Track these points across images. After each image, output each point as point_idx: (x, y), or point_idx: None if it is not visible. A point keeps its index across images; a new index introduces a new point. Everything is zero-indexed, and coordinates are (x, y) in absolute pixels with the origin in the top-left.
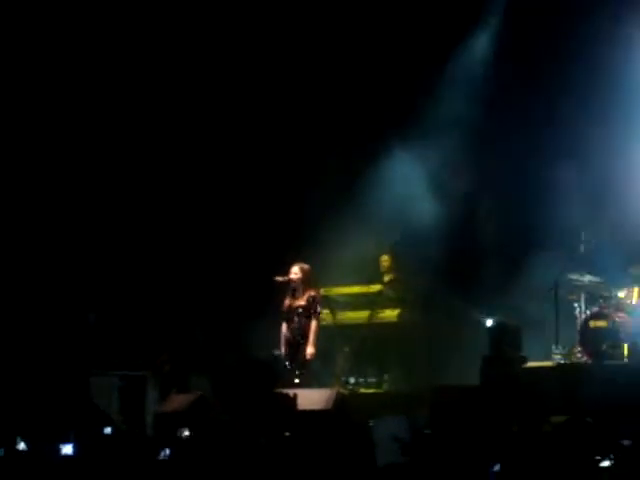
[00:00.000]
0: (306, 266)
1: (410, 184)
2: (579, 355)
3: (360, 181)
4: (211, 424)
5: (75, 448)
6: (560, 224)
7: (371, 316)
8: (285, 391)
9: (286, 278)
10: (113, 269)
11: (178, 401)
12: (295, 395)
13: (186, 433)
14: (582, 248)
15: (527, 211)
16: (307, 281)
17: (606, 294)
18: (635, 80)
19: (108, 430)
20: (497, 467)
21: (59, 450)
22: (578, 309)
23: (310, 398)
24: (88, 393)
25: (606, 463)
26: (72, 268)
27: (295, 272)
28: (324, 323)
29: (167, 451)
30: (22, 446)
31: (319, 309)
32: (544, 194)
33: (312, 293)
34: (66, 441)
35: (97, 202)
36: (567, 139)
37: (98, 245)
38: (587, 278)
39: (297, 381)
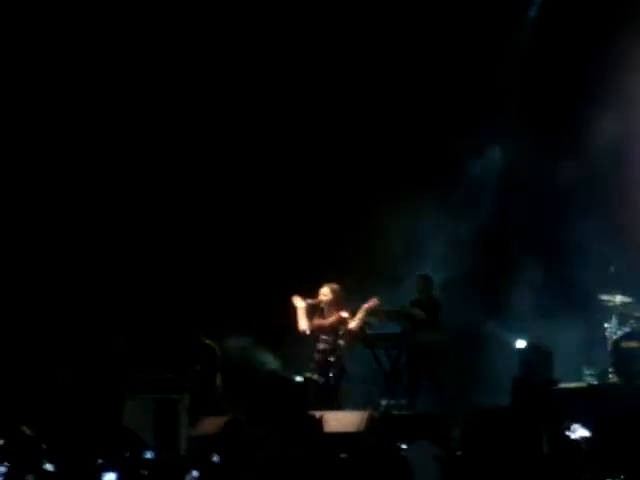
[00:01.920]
0: (336, 286)
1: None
2: (611, 376)
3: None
4: (242, 446)
5: (118, 476)
6: (591, 244)
7: (403, 337)
8: (312, 413)
9: (316, 300)
10: (140, 293)
11: (211, 424)
12: (322, 417)
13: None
14: (613, 268)
15: (558, 231)
16: (337, 302)
17: (638, 315)
18: None
19: (149, 455)
20: None
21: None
22: (610, 330)
23: (341, 420)
24: (121, 418)
25: None
26: (101, 293)
27: (325, 293)
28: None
29: (195, 473)
30: (49, 467)
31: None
32: (575, 215)
33: (342, 315)
34: (107, 469)
35: (125, 233)
36: None
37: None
38: (618, 299)
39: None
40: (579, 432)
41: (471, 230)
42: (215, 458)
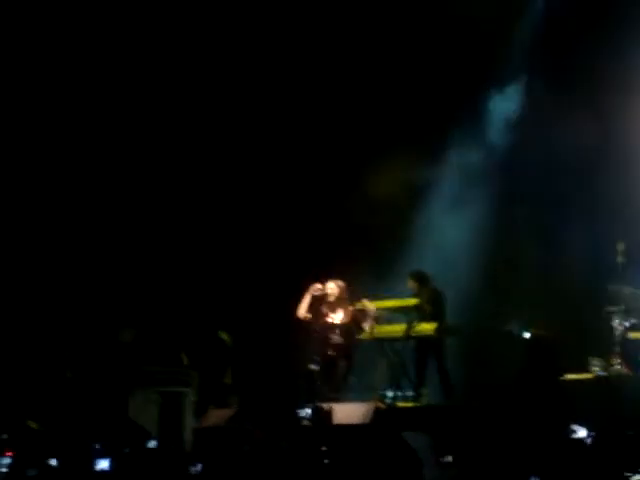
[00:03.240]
0: (342, 283)
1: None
2: (618, 367)
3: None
4: (244, 439)
5: (112, 463)
6: (598, 235)
7: (408, 329)
8: (321, 405)
9: (322, 293)
10: (150, 286)
11: (216, 416)
12: (331, 409)
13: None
14: (620, 259)
15: (565, 222)
16: (342, 298)
17: None
18: None
19: (153, 444)
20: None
21: (94, 465)
22: (617, 320)
23: (348, 412)
24: (127, 409)
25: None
26: (109, 286)
27: (331, 288)
28: (361, 337)
29: (199, 466)
30: (54, 463)
31: (364, 325)
32: (581, 205)
33: (351, 310)
34: (102, 456)
35: (135, 226)
36: None
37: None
38: (626, 290)
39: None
40: (580, 433)
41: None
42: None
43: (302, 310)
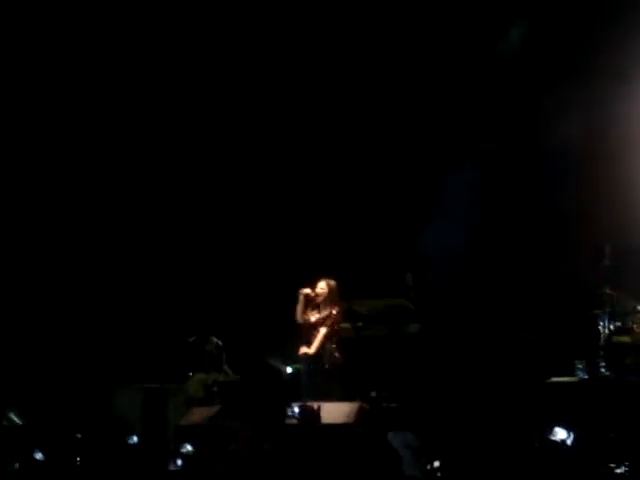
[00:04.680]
0: (332, 282)
1: None
2: (602, 370)
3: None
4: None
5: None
6: (585, 237)
7: (392, 329)
8: (310, 403)
9: (312, 292)
10: (134, 280)
11: (200, 414)
12: (319, 407)
13: (189, 448)
14: (607, 261)
15: (551, 223)
16: (332, 297)
17: (630, 309)
18: None
19: (134, 439)
20: None
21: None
22: (601, 323)
23: (333, 411)
24: (110, 405)
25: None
26: (95, 282)
27: (322, 287)
28: (345, 336)
29: (178, 462)
30: (39, 456)
31: (336, 326)
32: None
33: (334, 310)
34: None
35: (125, 226)
36: None
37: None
38: (612, 293)
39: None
40: (559, 435)
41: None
42: (189, 448)
43: (298, 314)
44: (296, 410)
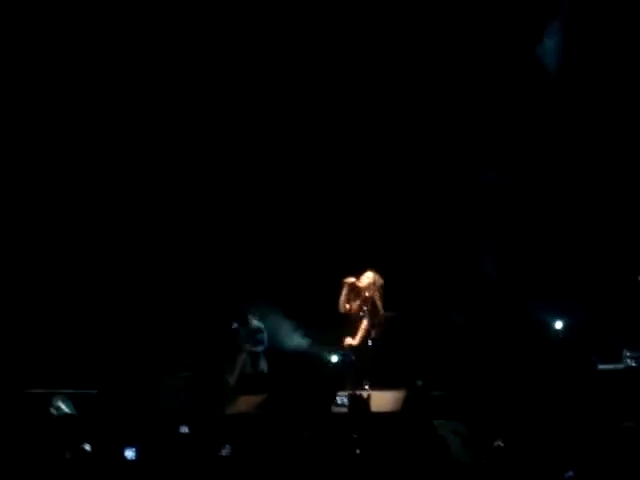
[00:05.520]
0: (377, 276)
1: None
2: None
3: None
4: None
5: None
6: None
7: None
8: (359, 392)
9: (357, 282)
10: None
11: (246, 402)
12: (369, 396)
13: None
14: None
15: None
16: (377, 288)
17: None
18: None
19: (184, 429)
20: (570, 473)
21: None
22: None
23: (380, 400)
24: (157, 395)
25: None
26: (138, 273)
27: (368, 277)
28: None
29: (228, 448)
30: (87, 448)
31: (380, 317)
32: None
33: (378, 301)
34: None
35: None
36: None
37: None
38: None
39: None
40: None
41: None
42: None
43: (341, 303)
44: (345, 399)
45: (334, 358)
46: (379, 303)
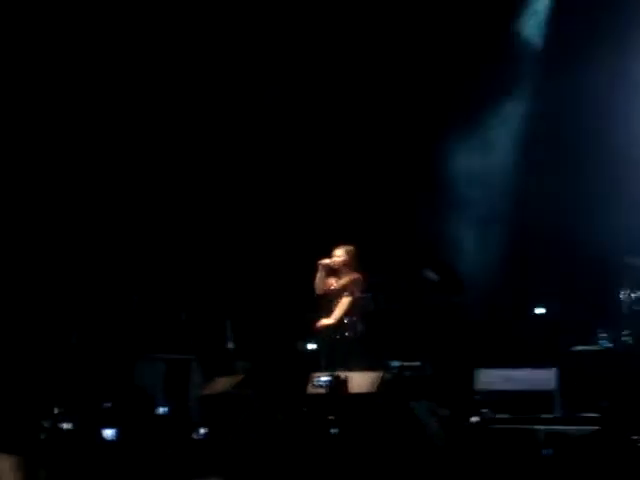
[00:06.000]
0: (350, 248)
1: None
2: (626, 338)
3: None
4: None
5: (117, 432)
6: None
7: (415, 300)
8: (337, 373)
9: (329, 261)
10: (153, 252)
11: (222, 383)
12: (347, 377)
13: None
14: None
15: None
16: (351, 264)
17: None
18: None
19: (162, 410)
20: (549, 451)
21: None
22: (624, 292)
23: (356, 381)
24: (133, 377)
25: None
26: (114, 251)
27: (338, 255)
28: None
29: (202, 431)
30: (66, 426)
31: (357, 293)
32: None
33: (355, 276)
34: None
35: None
36: None
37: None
38: (635, 261)
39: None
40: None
41: None
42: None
43: (317, 286)
44: (324, 379)
45: (309, 346)
46: (355, 278)
